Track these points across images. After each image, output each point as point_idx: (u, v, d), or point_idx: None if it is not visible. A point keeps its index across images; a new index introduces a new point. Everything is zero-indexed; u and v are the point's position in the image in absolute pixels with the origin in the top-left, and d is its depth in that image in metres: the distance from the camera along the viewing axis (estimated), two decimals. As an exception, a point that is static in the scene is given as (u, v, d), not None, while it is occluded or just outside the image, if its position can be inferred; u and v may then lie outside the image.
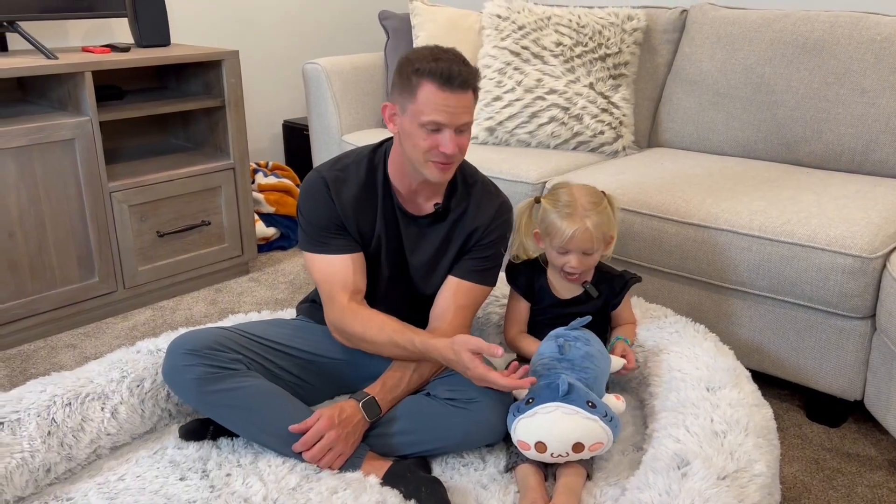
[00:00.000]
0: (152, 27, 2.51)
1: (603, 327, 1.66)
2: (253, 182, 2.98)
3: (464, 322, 1.57)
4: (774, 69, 2.24)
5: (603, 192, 1.59)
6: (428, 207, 1.57)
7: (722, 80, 2.34)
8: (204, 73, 2.54)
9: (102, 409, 1.49)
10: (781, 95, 2.22)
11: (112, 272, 2.31)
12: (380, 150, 1.59)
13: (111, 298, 2.34)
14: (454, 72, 1.38)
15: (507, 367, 1.49)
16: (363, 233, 1.57)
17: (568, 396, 1.33)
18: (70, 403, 1.46)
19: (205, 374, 1.43)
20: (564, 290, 1.63)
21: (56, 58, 2.17)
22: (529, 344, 1.62)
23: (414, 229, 1.58)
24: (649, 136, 2.59)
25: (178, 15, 2.87)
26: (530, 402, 1.36)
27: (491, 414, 1.44)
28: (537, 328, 1.65)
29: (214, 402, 1.44)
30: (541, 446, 1.33)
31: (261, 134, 3.27)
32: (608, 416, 1.36)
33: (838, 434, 1.78)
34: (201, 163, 2.50)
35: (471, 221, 1.58)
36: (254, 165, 3.04)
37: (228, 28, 3.06)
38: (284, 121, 3.28)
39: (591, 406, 1.34)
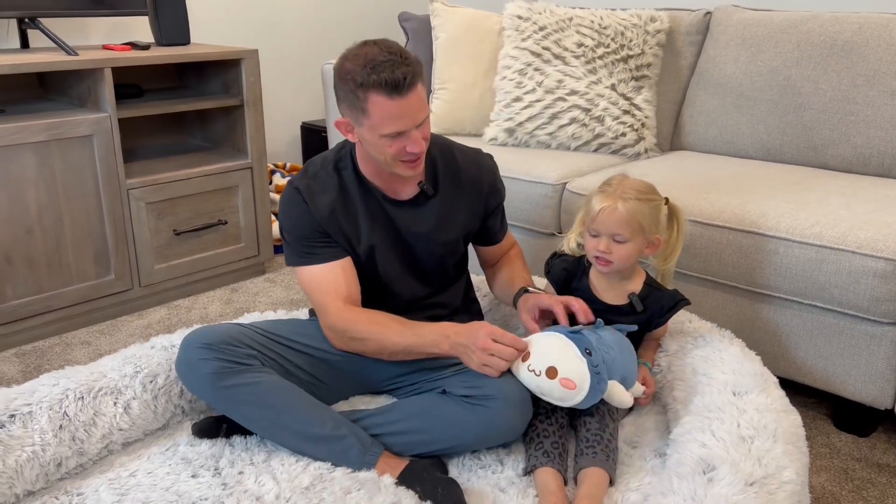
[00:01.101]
0: (173, 26, 2.51)
1: (639, 342, 1.61)
2: (270, 183, 2.97)
3: (516, 243, 1.78)
4: (801, 71, 2.19)
5: (667, 198, 1.54)
6: (412, 188, 1.56)
7: (746, 83, 2.30)
8: (223, 72, 2.54)
9: (115, 403, 1.47)
10: (808, 98, 2.18)
11: (128, 270, 2.30)
12: (343, 152, 1.57)
13: (127, 296, 2.33)
14: (398, 77, 1.33)
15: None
16: (349, 235, 1.55)
17: (572, 334, 1.39)
18: (83, 397, 1.44)
19: (220, 368, 1.41)
20: (608, 294, 1.56)
21: (76, 54, 2.17)
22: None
23: (406, 211, 1.57)
24: (671, 139, 2.55)
25: (199, 16, 2.87)
26: None
27: (509, 412, 1.40)
28: None
29: (228, 396, 1.42)
30: (525, 356, 1.38)
31: (279, 135, 3.27)
32: (598, 373, 1.36)
33: (868, 444, 1.72)
34: (219, 162, 2.49)
35: (470, 185, 1.60)
36: (271, 167, 3.03)
37: (248, 29, 3.06)
38: (303, 123, 3.28)
39: (588, 353, 1.37)
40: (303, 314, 1.85)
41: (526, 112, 2.40)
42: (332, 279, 1.52)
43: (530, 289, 1.60)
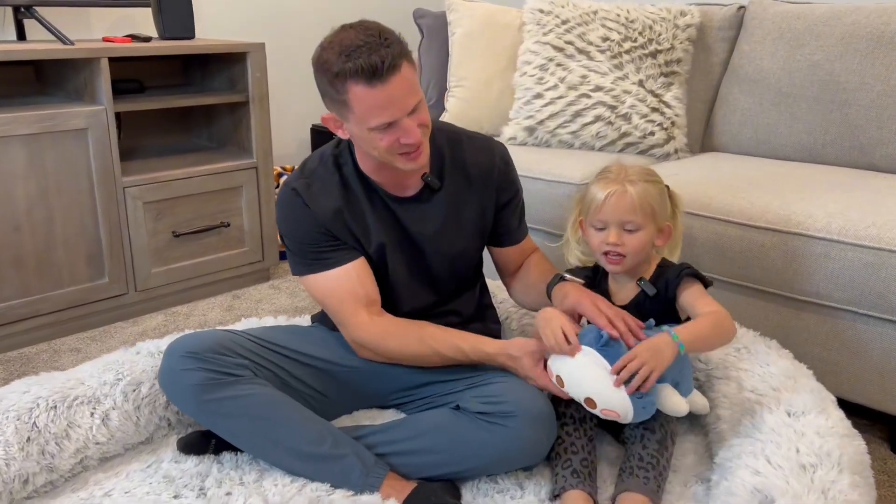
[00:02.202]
0: (176, 19, 2.39)
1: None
2: (277, 187, 2.84)
3: (539, 250, 1.59)
4: (846, 65, 2.03)
5: (666, 185, 1.38)
6: (416, 183, 1.41)
7: (785, 79, 2.14)
8: (229, 68, 2.42)
9: (92, 414, 1.33)
10: (854, 94, 2.01)
11: (123, 273, 2.16)
12: (342, 146, 1.42)
13: (121, 301, 2.19)
14: (375, 61, 1.17)
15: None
16: (358, 235, 1.40)
17: (605, 349, 1.21)
18: (55, 407, 1.30)
19: (205, 379, 1.26)
20: (620, 293, 1.40)
21: (72, 43, 2.05)
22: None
23: (411, 208, 1.41)
24: (702, 140, 2.39)
25: (205, 10, 2.76)
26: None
27: (530, 431, 1.24)
28: None
29: (215, 410, 1.27)
30: (559, 381, 1.26)
31: (288, 138, 3.14)
32: (640, 397, 1.19)
33: (931, 472, 1.54)
34: (222, 161, 2.36)
35: (479, 175, 1.44)
36: (279, 169, 2.90)
37: (256, 25, 2.94)
38: (313, 125, 3.15)
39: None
40: (304, 321, 1.70)
41: (547, 109, 2.25)
42: (348, 285, 1.37)
43: (566, 276, 1.41)
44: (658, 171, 1.99)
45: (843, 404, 1.60)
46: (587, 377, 1.22)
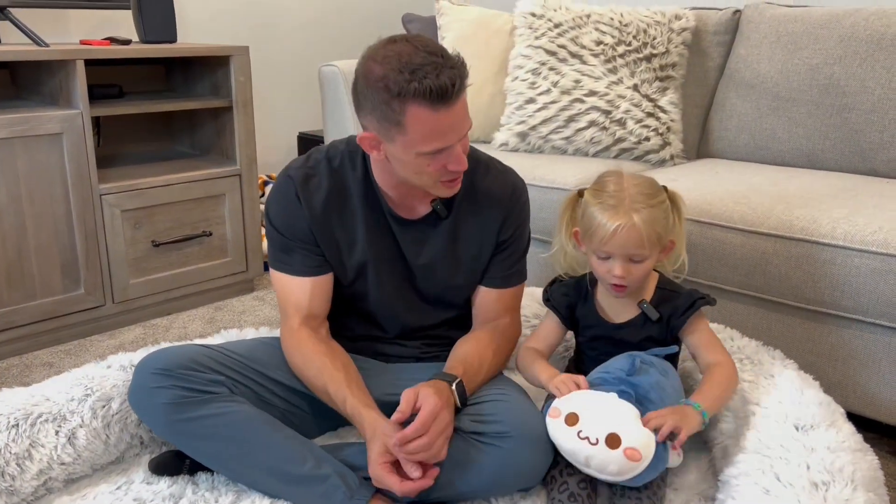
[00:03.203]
0: (158, 22, 2.32)
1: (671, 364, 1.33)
2: (263, 195, 2.77)
3: (517, 320, 1.43)
4: (845, 69, 1.98)
5: (665, 187, 1.31)
6: (424, 208, 1.32)
7: (783, 83, 2.09)
8: (211, 73, 2.35)
9: (57, 433, 1.24)
10: (854, 98, 1.96)
11: (100, 284, 2.08)
12: (358, 147, 1.32)
13: (98, 313, 2.10)
14: (444, 84, 1.08)
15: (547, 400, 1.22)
16: (341, 244, 1.32)
17: (633, 378, 1.15)
18: (17, 425, 1.22)
19: (177, 397, 1.18)
20: (616, 311, 1.33)
21: (47, 45, 1.98)
22: (541, 370, 1.28)
23: (413, 233, 1.33)
24: (698, 147, 2.33)
25: (188, 14, 2.69)
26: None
27: (526, 452, 1.16)
28: (584, 364, 1.35)
29: (188, 430, 1.19)
30: (572, 418, 1.11)
31: (274, 145, 3.07)
32: (655, 443, 1.11)
33: (943, 488, 1.47)
34: (204, 168, 2.28)
35: (490, 207, 1.33)
36: (264, 178, 2.83)
37: (241, 30, 2.88)
38: (300, 133, 3.08)
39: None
40: (287, 332, 1.62)
41: (540, 115, 2.19)
42: (298, 295, 1.33)
43: (450, 382, 1.22)
44: (654, 177, 1.93)
45: (851, 417, 1.53)
46: (611, 409, 1.12)
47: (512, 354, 1.41)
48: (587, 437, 1.10)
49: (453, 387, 1.20)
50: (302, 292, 1.33)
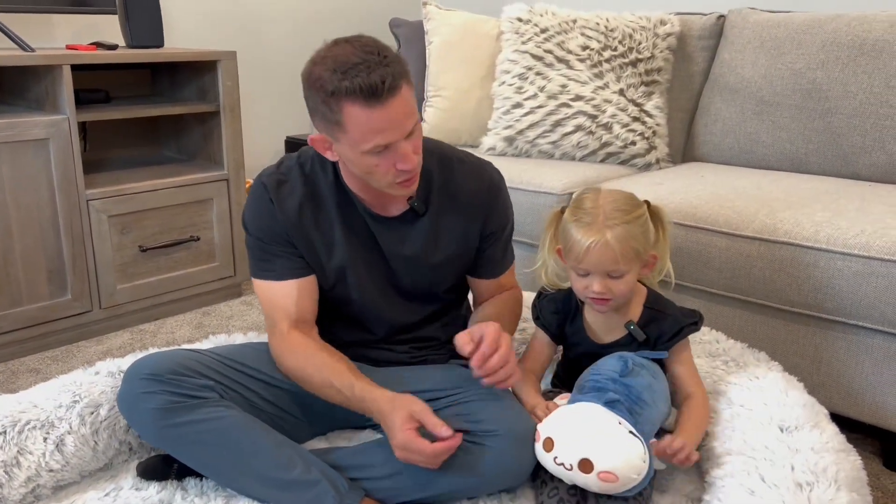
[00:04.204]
0: (144, 27, 2.31)
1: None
2: (250, 199, 2.76)
3: (517, 286, 1.48)
4: (828, 73, 2.01)
5: (647, 201, 1.29)
6: (400, 204, 1.33)
7: (767, 88, 2.12)
8: (199, 77, 2.34)
9: (45, 439, 1.24)
10: (837, 102, 1.99)
11: (87, 290, 2.07)
12: None
13: (85, 319, 2.09)
14: (374, 82, 1.09)
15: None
16: (318, 248, 1.32)
17: (626, 379, 1.15)
18: (5, 432, 1.21)
19: (167, 402, 1.18)
20: (603, 331, 1.32)
21: (32, 50, 1.97)
22: (526, 396, 1.29)
23: (391, 230, 1.34)
24: (684, 151, 2.36)
25: (174, 19, 2.69)
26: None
27: (513, 451, 1.17)
28: (573, 383, 1.35)
29: (177, 436, 1.19)
30: (549, 443, 1.12)
31: (261, 150, 3.07)
32: (650, 458, 1.11)
33: (925, 487, 1.49)
34: (192, 172, 2.28)
35: (468, 202, 1.34)
36: (251, 182, 2.82)
37: (228, 36, 2.87)
38: (287, 137, 3.08)
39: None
40: (276, 337, 1.63)
41: (527, 119, 2.21)
42: (283, 300, 1.31)
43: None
44: (640, 181, 1.96)
45: (834, 418, 1.56)
46: (580, 426, 1.10)
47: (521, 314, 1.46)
48: (562, 464, 1.10)
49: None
50: (288, 297, 1.31)
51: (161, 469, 1.27)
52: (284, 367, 1.31)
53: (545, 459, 1.14)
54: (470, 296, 1.51)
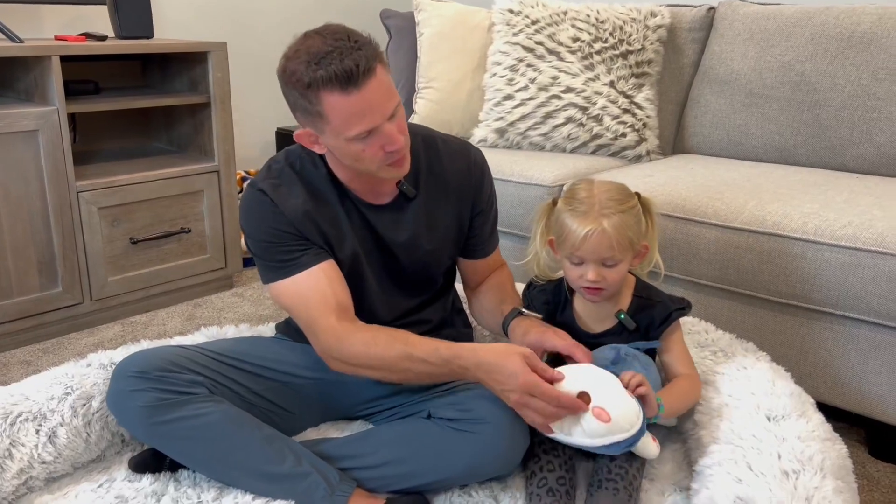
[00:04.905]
0: (134, 18, 2.30)
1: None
2: (241, 191, 2.76)
3: (506, 265, 1.54)
4: (816, 66, 2.02)
5: (637, 193, 1.30)
6: (391, 190, 1.34)
7: (756, 80, 2.13)
8: (189, 69, 2.34)
9: (38, 431, 1.24)
10: (825, 94, 2.00)
11: (77, 282, 2.07)
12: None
13: (76, 311, 2.09)
14: (349, 67, 1.09)
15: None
16: (330, 239, 1.31)
17: (616, 366, 1.20)
18: (-3, 424, 1.21)
19: (155, 399, 1.18)
20: (593, 321, 1.33)
21: (21, 41, 1.96)
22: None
23: (385, 216, 1.34)
24: (674, 142, 2.37)
25: (164, 10, 2.67)
26: None
27: (502, 439, 1.18)
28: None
29: (166, 433, 1.19)
30: (557, 377, 1.15)
31: (252, 141, 3.06)
32: (643, 420, 1.14)
33: (909, 475, 1.52)
34: (182, 164, 2.27)
35: (456, 182, 1.37)
36: (242, 173, 2.82)
37: (219, 26, 2.86)
38: (278, 128, 3.07)
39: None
40: (268, 329, 1.63)
41: (518, 111, 2.21)
42: (317, 290, 1.26)
43: (525, 311, 1.35)
44: (630, 172, 1.97)
45: (821, 407, 1.58)
46: (594, 375, 1.15)
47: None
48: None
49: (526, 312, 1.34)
50: (321, 285, 1.26)
51: (154, 462, 1.27)
52: (345, 357, 1.24)
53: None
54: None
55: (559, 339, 1.24)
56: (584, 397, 1.11)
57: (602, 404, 1.11)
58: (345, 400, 1.40)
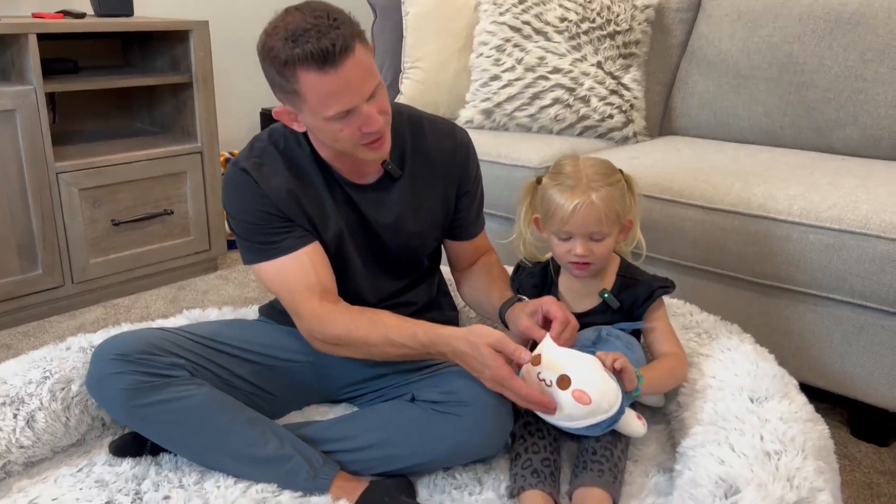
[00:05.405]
0: (114, -5, 2.26)
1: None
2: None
3: (493, 249, 1.52)
4: (804, 46, 2.01)
5: (620, 170, 1.31)
6: (376, 170, 1.32)
7: (744, 61, 2.12)
8: (170, 47, 2.30)
9: (15, 416, 1.22)
10: (812, 75, 2.00)
11: (58, 264, 2.04)
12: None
13: (57, 294, 2.07)
14: (325, 45, 1.07)
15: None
16: (314, 219, 1.30)
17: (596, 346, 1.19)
18: (-27, 409, 1.19)
19: (136, 383, 1.17)
20: (577, 300, 1.33)
21: (-3, 18, 1.92)
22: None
23: (370, 196, 1.33)
24: (661, 124, 2.36)
25: (146, -12, 2.62)
26: None
27: (485, 420, 1.17)
28: None
29: (147, 416, 1.17)
30: (537, 359, 1.14)
31: (236, 122, 3.03)
32: (623, 397, 1.13)
33: (890, 454, 1.53)
34: (165, 145, 2.24)
35: (442, 163, 1.36)
36: (226, 154, 2.79)
37: (201, 6, 2.81)
38: (263, 109, 3.04)
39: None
40: (251, 312, 1.62)
41: (505, 91, 2.19)
42: (300, 272, 1.26)
43: (523, 298, 1.35)
44: (617, 154, 1.96)
45: (804, 388, 1.58)
46: (572, 357, 1.14)
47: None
48: (543, 380, 1.13)
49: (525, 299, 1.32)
50: (302, 268, 1.26)
51: (135, 446, 1.26)
52: (328, 338, 1.25)
53: (530, 373, 1.15)
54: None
55: (558, 308, 1.23)
56: (564, 381, 1.11)
57: (582, 387, 1.10)
58: (328, 383, 1.39)
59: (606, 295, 1.29)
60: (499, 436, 1.20)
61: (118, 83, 2.14)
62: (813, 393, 1.61)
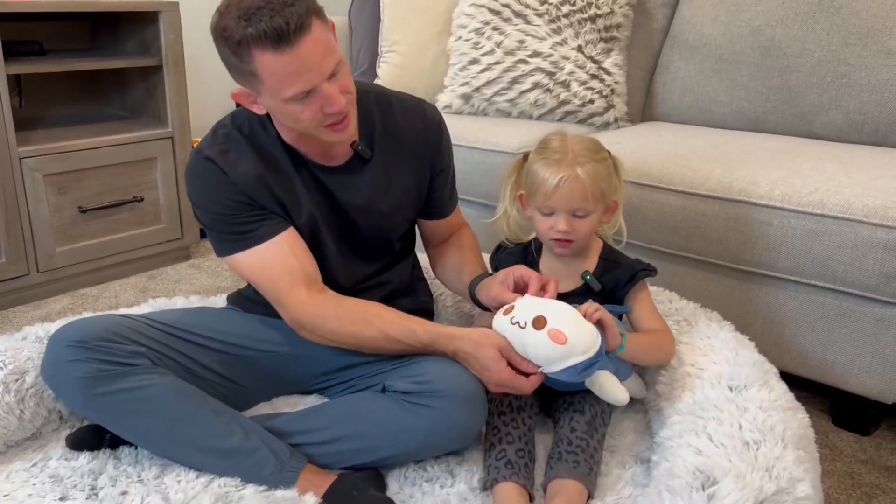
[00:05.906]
0: (80, -25, 2.18)
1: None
2: (199, 159, 2.67)
3: (467, 223, 1.51)
4: (787, 30, 1.98)
5: (608, 151, 1.28)
6: (346, 151, 1.28)
7: (726, 45, 2.08)
8: (140, 29, 2.23)
9: (-34, 409, 1.17)
10: (794, 59, 1.96)
11: (22, 252, 1.98)
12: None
13: (21, 283, 2.00)
14: (279, 24, 1.03)
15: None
16: (286, 204, 1.25)
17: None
18: (-79, 401, 1.14)
19: (94, 371, 1.12)
20: (561, 279, 1.29)
21: (-46, -4, 1.84)
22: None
23: (340, 178, 1.28)
24: (643, 110, 2.32)
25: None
26: None
27: (459, 412, 1.14)
28: None
29: (106, 405, 1.13)
30: (509, 309, 1.15)
31: (209, 106, 2.95)
32: (601, 344, 1.10)
33: (872, 443, 1.51)
34: (134, 130, 2.18)
35: (413, 142, 1.32)
36: (198, 141, 2.72)
37: (175, -12, 2.74)
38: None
39: None
40: (220, 300, 1.57)
41: (484, 76, 2.14)
42: (280, 260, 1.22)
43: (490, 272, 1.34)
44: (599, 138, 1.91)
45: (785, 377, 1.55)
46: (546, 302, 1.14)
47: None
48: (517, 322, 1.11)
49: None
50: (282, 255, 1.22)
51: (93, 439, 1.21)
52: (320, 332, 1.22)
53: (502, 323, 1.14)
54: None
55: (530, 272, 1.24)
56: (539, 321, 1.09)
57: (558, 326, 1.08)
58: (298, 373, 1.35)
59: (588, 276, 1.27)
60: (472, 428, 1.17)
61: (85, 65, 2.07)
62: (794, 381, 1.58)
